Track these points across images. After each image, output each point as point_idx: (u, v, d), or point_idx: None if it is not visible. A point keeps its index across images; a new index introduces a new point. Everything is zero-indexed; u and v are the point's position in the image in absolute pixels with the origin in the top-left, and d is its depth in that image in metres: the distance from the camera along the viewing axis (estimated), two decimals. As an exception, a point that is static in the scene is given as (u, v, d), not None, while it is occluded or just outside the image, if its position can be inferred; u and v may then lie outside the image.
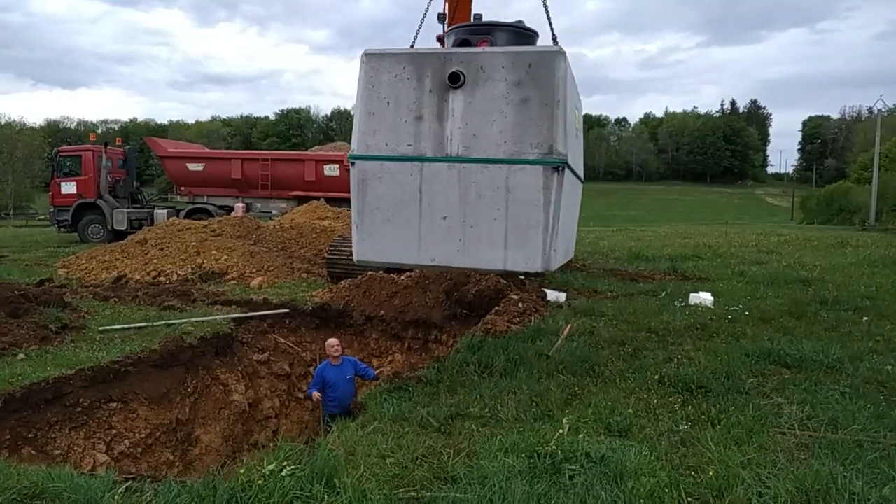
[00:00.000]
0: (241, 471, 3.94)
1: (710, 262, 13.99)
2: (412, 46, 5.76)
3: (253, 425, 8.41)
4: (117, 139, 26.44)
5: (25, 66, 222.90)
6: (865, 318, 8.32)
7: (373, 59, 5.31)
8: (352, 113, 5.99)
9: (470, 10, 9.34)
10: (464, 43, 5.63)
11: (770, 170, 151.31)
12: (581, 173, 6.61)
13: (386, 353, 9.45)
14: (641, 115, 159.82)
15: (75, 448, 6.33)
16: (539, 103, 4.91)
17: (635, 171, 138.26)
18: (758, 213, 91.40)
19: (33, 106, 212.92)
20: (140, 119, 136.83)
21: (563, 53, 4.95)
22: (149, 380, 7.07)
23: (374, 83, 5.25)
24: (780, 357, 6.55)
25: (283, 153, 27.63)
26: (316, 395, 6.94)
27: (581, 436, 4.28)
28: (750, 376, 6.07)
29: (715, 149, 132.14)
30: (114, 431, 6.68)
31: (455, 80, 5.01)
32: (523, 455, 4.14)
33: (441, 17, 9.64)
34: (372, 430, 4.83)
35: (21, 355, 6.81)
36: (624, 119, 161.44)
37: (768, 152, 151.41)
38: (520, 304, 8.45)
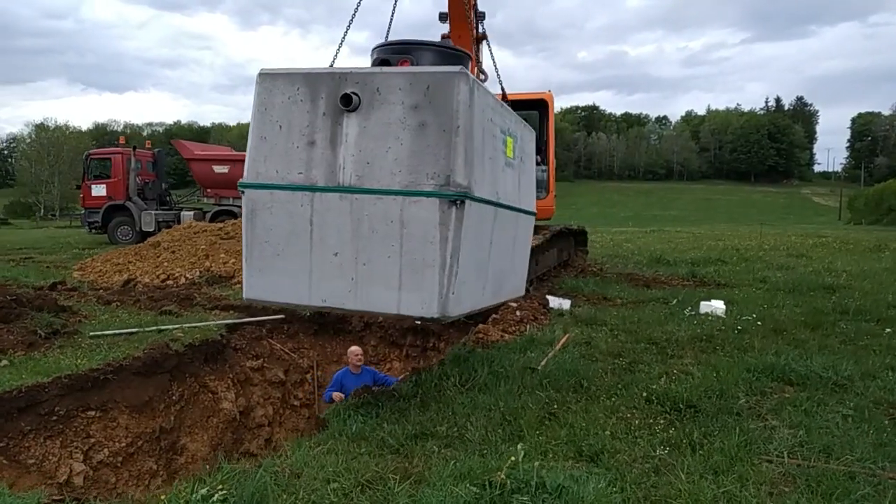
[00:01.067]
0: (165, 497, 3.75)
1: (734, 267, 13.43)
2: (383, 42, 5.47)
3: (244, 433, 8.27)
4: (147, 142, 26.87)
5: (76, 70, 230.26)
6: (888, 330, 7.77)
7: (266, 80, 4.81)
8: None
9: (463, 12, 8.99)
10: (382, 63, 5.07)
11: (817, 168, 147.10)
12: (528, 206, 6.05)
13: (384, 361, 9.23)
14: (683, 114, 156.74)
15: (50, 457, 6.25)
16: (437, 129, 4.33)
17: (676, 170, 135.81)
18: (804, 213, 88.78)
19: (83, 109, 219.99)
20: (184, 122, 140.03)
21: (465, 74, 4.40)
22: (130, 387, 6.97)
23: (266, 105, 4.77)
24: (784, 373, 6.11)
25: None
26: (338, 395, 6.80)
27: (537, 463, 3.95)
28: (748, 394, 5.66)
29: (759, 147, 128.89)
30: (92, 440, 6.58)
31: (347, 103, 4.49)
32: (474, 483, 3.84)
33: (443, 17, 9.38)
34: (326, 449, 4.60)
35: (5, 361, 6.77)
36: (665, 117, 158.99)
37: (815, 150, 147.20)
38: (517, 313, 8.14)
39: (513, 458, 3.95)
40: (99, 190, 22.99)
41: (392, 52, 5.17)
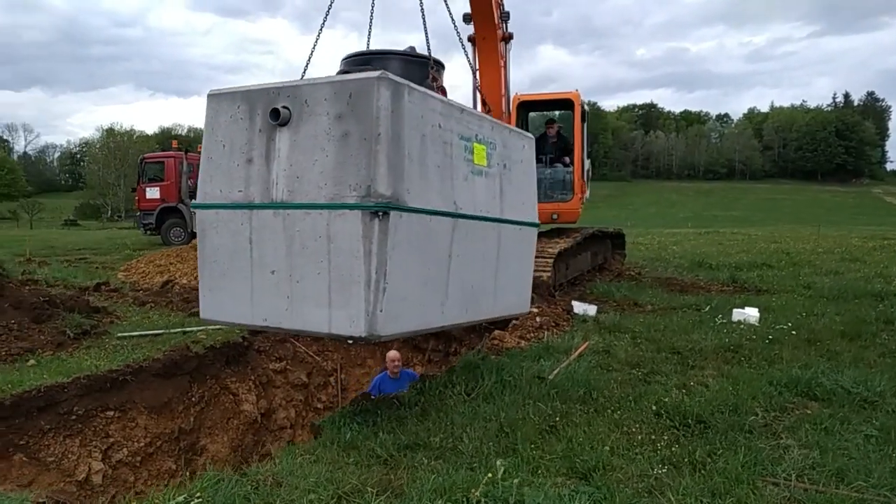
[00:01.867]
0: (152, 499, 3.78)
1: (779, 272, 12.85)
2: (349, 54, 5.44)
3: (266, 435, 8.35)
4: (199, 146, 27.59)
5: (143, 77, 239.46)
6: (935, 343, 7.27)
7: (213, 101, 4.78)
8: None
9: (488, 12, 8.85)
10: (344, 74, 4.96)
11: (890, 167, 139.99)
12: (520, 216, 5.72)
13: (407, 365, 9.16)
14: (745, 111, 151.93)
15: (69, 455, 6.43)
16: (358, 138, 4.16)
17: (738, 169, 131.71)
18: (875, 213, 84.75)
19: (150, 114, 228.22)
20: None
21: (386, 79, 4.17)
22: (150, 389, 7.12)
23: (213, 126, 4.75)
24: (809, 387, 5.77)
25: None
26: None
27: (516, 480, 3.81)
28: (766, 410, 5.36)
29: (826, 145, 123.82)
30: (111, 440, 6.75)
31: (276, 117, 4.38)
32: (451, 500, 3.74)
33: (467, 18, 9.28)
34: (314, 458, 4.56)
35: (32, 361, 7.02)
36: (726, 115, 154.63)
37: (887, 148, 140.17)
38: (537, 319, 7.96)
39: (490, 475, 3.82)
40: (153, 192, 23.74)
41: (353, 64, 5.09)
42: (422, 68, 5.42)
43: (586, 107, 11.44)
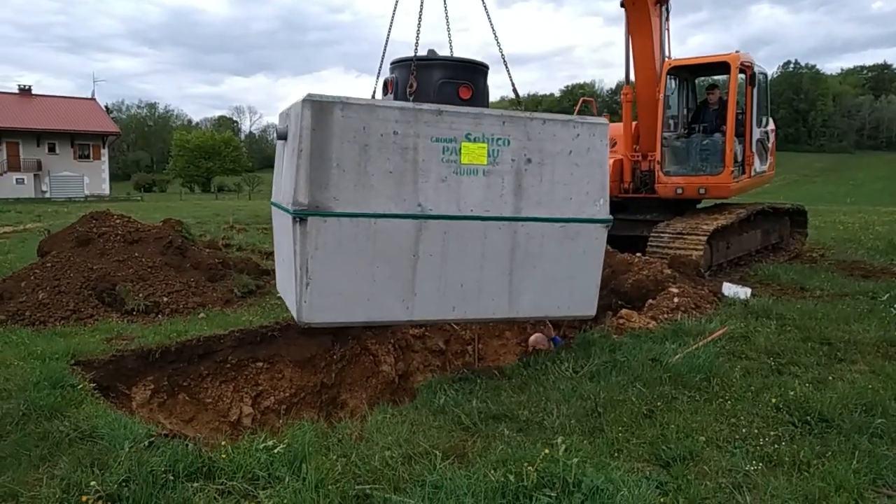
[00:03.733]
0: (244, 441, 4.22)
1: None
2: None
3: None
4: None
5: (352, 59, 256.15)
6: None
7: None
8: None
9: None
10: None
11: None
12: (551, 211, 5.37)
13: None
14: None
15: (224, 399, 7.32)
16: (291, 153, 4.84)
17: None
18: None
19: (356, 94, 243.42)
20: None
21: (308, 101, 4.61)
22: (295, 344, 7.82)
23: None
24: (982, 395, 4.89)
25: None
26: None
27: (576, 459, 3.71)
28: (914, 415, 4.65)
29: None
30: (260, 388, 7.55)
31: (279, 135, 5.32)
32: (510, 472, 3.74)
33: None
34: (402, 419, 4.78)
35: (202, 315, 8.03)
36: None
37: None
38: (675, 300, 7.51)
39: (547, 451, 3.77)
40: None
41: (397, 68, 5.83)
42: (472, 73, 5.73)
43: (760, 70, 10.38)
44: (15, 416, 4.55)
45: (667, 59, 10.15)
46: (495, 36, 5.84)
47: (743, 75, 10.08)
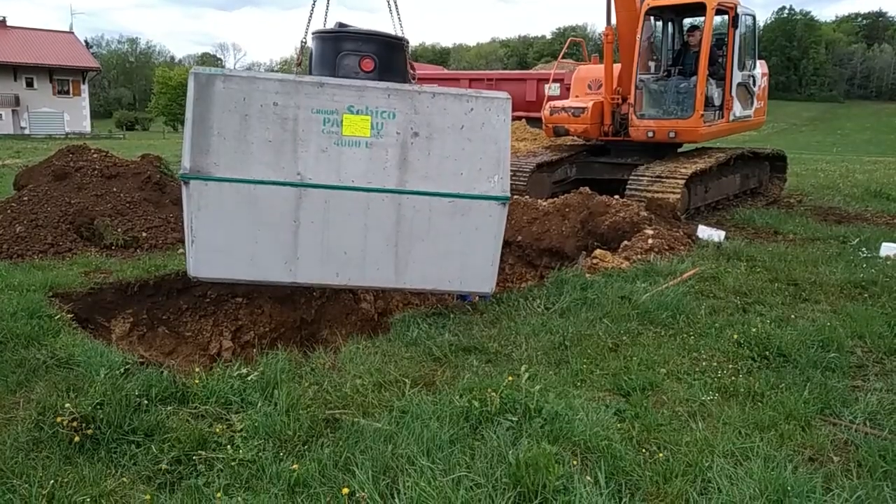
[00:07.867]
0: (218, 369, 4.33)
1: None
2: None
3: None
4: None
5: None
6: None
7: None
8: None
9: None
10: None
11: None
12: (437, 186, 5.30)
13: (520, 280, 9.27)
14: None
15: (203, 332, 7.42)
16: (186, 121, 5.12)
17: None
18: None
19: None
20: (427, 43, 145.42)
21: (194, 74, 5.01)
22: (274, 281, 7.88)
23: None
24: (937, 334, 5.08)
25: (506, 73, 27.40)
26: None
27: (538, 387, 3.85)
28: (868, 352, 4.85)
29: None
30: (240, 323, 7.65)
31: None
32: (475, 398, 3.88)
33: None
34: (374, 350, 4.90)
35: (181, 250, 8.02)
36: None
37: None
38: (649, 241, 7.63)
39: (510, 379, 3.90)
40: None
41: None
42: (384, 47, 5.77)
43: (746, 11, 10.24)
44: (-9, 343, 4.62)
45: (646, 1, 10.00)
46: None
47: (724, 16, 9.96)
